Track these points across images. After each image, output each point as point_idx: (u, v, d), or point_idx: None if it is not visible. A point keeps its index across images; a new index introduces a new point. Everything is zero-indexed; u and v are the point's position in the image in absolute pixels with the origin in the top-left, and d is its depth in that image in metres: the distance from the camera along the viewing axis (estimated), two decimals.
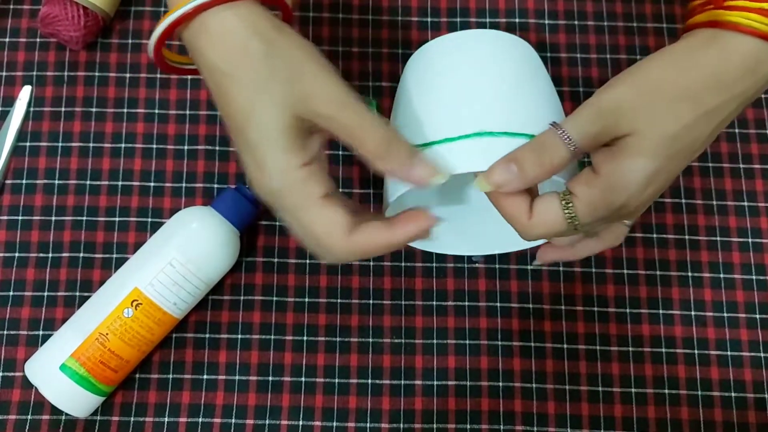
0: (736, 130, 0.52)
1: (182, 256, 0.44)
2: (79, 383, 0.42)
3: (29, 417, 0.46)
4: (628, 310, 0.48)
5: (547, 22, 0.53)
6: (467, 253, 0.46)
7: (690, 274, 0.49)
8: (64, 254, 0.49)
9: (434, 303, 0.48)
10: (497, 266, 0.49)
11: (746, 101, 0.34)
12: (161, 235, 0.45)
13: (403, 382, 0.47)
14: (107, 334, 0.43)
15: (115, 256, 0.49)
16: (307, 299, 0.48)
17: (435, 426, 0.46)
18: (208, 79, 0.34)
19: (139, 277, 0.43)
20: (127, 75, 0.52)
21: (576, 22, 0.53)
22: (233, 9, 0.33)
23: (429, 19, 0.53)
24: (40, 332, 0.47)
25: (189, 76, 0.52)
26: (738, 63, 0.33)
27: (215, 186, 0.50)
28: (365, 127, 0.33)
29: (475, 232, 0.47)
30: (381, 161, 0.34)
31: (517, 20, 0.53)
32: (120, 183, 0.50)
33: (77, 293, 0.48)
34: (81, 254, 0.49)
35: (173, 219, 0.45)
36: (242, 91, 0.33)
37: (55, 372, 0.42)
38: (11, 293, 0.48)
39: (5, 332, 0.47)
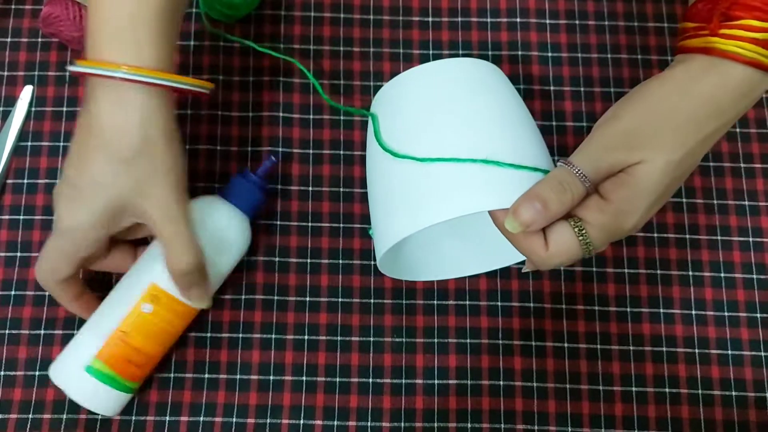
0: (737, 130, 0.52)
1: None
2: (106, 383, 0.42)
3: (30, 416, 0.46)
4: (628, 309, 0.48)
5: (548, 21, 0.53)
6: (477, 271, 0.47)
7: (691, 273, 0.49)
8: None
9: (435, 302, 0.48)
10: (496, 268, 0.49)
11: (735, 121, 0.37)
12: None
13: (404, 381, 0.47)
14: (129, 331, 0.42)
15: None
16: (308, 298, 0.48)
17: (436, 425, 0.46)
18: (85, 122, 0.39)
19: (154, 272, 0.43)
20: None
21: (577, 22, 0.53)
22: (149, 95, 0.38)
23: (430, 19, 0.53)
24: (42, 332, 0.47)
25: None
26: (734, 89, 0.35)
27: (216, 186, 0.50)
28: (178, 244, 0.40)
29: (478, 249, 0.47)
30: (175, 276, 0.41)
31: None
32: None
33: None
34: None
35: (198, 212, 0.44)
36: (102, 164, 0.39)
37: (81, 374, 0.42)
38: (13, 292, 0.48)
39: (7, 331, 0.47)
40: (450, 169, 0.36)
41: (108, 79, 0.38)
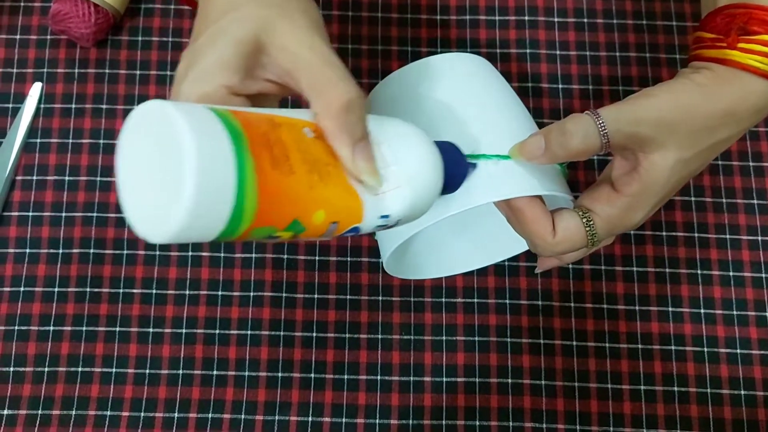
0: None
1: (376, 134, 0.30)
2: (232, 139, 0.25)
3: (39, 412, 0.46)
4: (637, 308, 0.48)
5: (556, 19, 0.53)
6: (481, 265, 0.46)
7: (699, 271, 0.49)
8: (75, 250, 0.49)
9: (443, 300, 0.48)
10: (506, 263, 0.49)
11: (746, 132, 0.37)
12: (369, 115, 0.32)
13: (412, 378, 0.47)
14: (280, 125, 0.28)
15: (125, 252, 0.49)
16: (316, 295, 0.48)
17: (444, 422, 0.46)
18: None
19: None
20: (137, 72, 0.52)
21: (585, 20, 0.53)
22: None
23: (438, 17, 0.53)
24: (51, 328, 0.47)
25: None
26: (752, 102, 0.35)
27: None
28: (333, 74, 0.30)
29: (481, 242, 0.47)
30: (333, 119, 0.29)
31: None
32: None
33: (87, 289, 0.48)
34: (91, 250, 0.49)
35: (388, 118, 0.33)
36: (214, 5, 0.31)
37: (203, 110, 0.26)
38: (22, 289, 0.48)
39: (16, 327, 0.47)
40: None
41: None
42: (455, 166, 0.33)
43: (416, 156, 0.31)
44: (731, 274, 0.49)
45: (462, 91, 0.38)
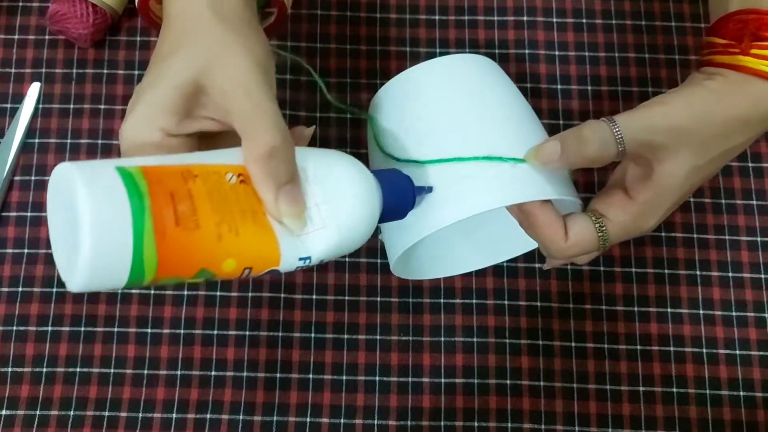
0: None
1: (313, 174, 0.32)
2: (131, 204, 0.26)
3: (37, 413, 0.46)
4: (636, 309, 0.48)
5: (555, 20, 0.53)
6: (484, 265, 0.46)
7: (699, 272, 0.49)
8: None
9: (442, 300, 0.48)
10: (505, 264, 0.49)
11: (757, 138, 0.37)
12: (301, 148, 0.33)
13: (410, 379, 0.47)
14: (197, 176, 0.29)
15: None
16: (314, 296, 0.48)
17: (443, 423, 0.46)
18: (166, 20, 0.34)
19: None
20: (136, 72, 0.52)
21: (584, 21, 0.53)
22: None
23: (437, 17, 0.53)
24: (49, 328, 0.47)
25: None
26: (766, 108, 0.35)
27: None
28: (262, 121, 0.30)
29: (486, 242, 0.47)
30: (256, 165, 0.30)
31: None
32: None
33: None
34: None
35: (326, 150, 0.34)
36: (166, 44, 0.33)
37: (111, 174, 0.27)
38: (20, 289, 0.48)
39: (14, 328, 0.47)
40: (455, 169, 0.36)
41: None
42: (400, 197, 0.34)
43: (348, 195, 0.32)
44: (730, 275, 0.49)
45: (473, 93, 0.38)
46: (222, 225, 0.28)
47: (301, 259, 0.31)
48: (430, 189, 0.35)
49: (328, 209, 0.31)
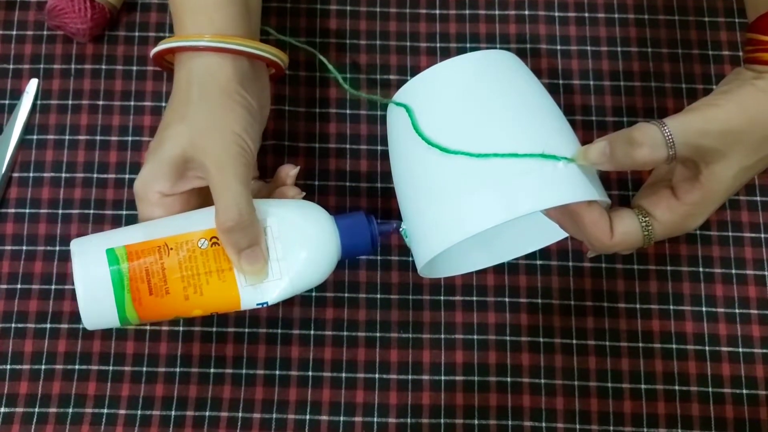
0: None
1: (277, 231, 0.39)
2: (112, 277, 0.37)
3: (36, 410, 0.46)
4: (638, 306, 0.48)
5: (557, 14, 0.53)
6: (491, 263, 0.46)
7: (701, 269, 0.49)
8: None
9: (442, 298, 0.48)
10: (506, 261, 0.48)
11: None
12: (268, 202, 0.41)
13: (410, 377, 0.47)
14: (172, 249, 0.38)
15: None
16: (314, 293, 0.48)
17: (443, 421, 0.46)
18: (176, 83, 0.41)
19: None
20: (134, 68, 0.51)
21: (586, 15, 0.53)
22: (201, 58, 0.40)
23: (438, 12, 0.53)
24: (48, 325, 0.47)
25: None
26: None
27: None
28: (226, 199, 0.37)
29: (494, 242, 0.46)
30: (221, 234, 0.38)
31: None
32: (127, 176, 0.50)
33: None
34: None
35: (291, 200, 0.42)
36: (169, 112, 0.41)
37: (99, 252, 0.37)
38: (19, 286, 0.48)
39: (13, 325, 0.47)
40: (505, 165, 0.35)
41: (177, 51, 0.41)
42: (359, 241, 0.41)
43: (302, 254, 0.39)
44: (733, 271, 0.48)
45: (520, 89, 0.38)
46: (188, 288, 0.38)
47: (258, 303, 0.39)
48: (397, 227, 0.41)
49: (286, 263, 0.39)
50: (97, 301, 0.37)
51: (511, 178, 0.35)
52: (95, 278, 0.37)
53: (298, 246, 0.39)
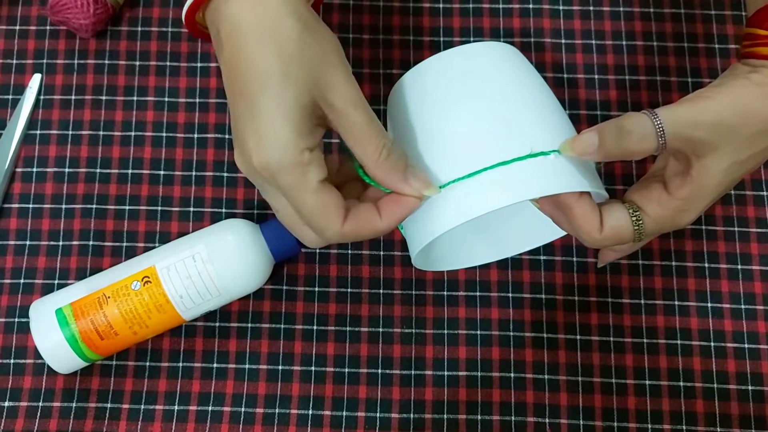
0: None
1: (207, 256, 0.43)
2: (64, 334, 0.43)
3: (40, 404, 0.46)
4: (642, 301, 0.48)
5: (561, 7, 0.52)
6: (493, 259, 0.46)
7: (706, 264, 0.48)
8: (74, 242, 0.49)
9: (445, 293, 0.48)
10: (509, 256, 0.48)
11: None
12: (201, 231, 0.45)
13: (413, 372, 0.47)
14: (109, 297, 0.43)
15: (124, 244, 0.49)
16: (317, 288, 0.48)
17: (446, 416, 0.46)
18: (227, 44, 0.34)
19: (160, 258, 0.44)
20: (137, 63, 0.51)
21: (591, 8, 0.52)
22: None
23: (441, 6, 0.52)
24: None
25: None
26: None
27: (225, 174, 0.50)
28: (371, 130, 0.34)
29: (497, 237, 0.46)
30: (377, 168, 0.34)
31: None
32: (130, 171, 0.50)
33: None
34: (91, 242, 0.49)
35: (219, 223, 0.45)
36: (268, 58, 0.33)
37: (50, 315, 0.43)
38: (22, 281, 0.48)
39: (16, 320, 0.47)
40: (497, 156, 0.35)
41: None
42: (285, 244, 0.45)
43: (234, 266, 0.44)
44: (739, 267, 0.48)
45: (503, 82, 0.37)
46: (134, 326, 0.43)
47: (200, 315, 0.45)
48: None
49: (220, 281, 0.43)
50: (59, 356, 0.43)
51: (501, 168, 0.35)
52: (52, 342, 0.43)
53: (228, 262, 0.43)
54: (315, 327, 0.47)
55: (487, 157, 0.35)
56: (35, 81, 0.51)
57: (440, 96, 0.37)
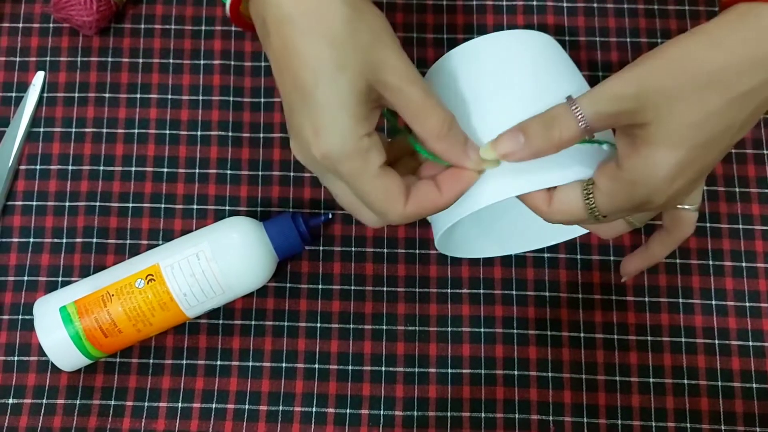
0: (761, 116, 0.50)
1: (211, 253, 0.43)
2: (68, 332, 0.43)
3: (44, 401, 0.46)
4: (647, 299, 0.48)
5: (565, 4, 0.52)
6: (498, 254, 0.46)
7: (711, 262, 0.48)
8: (78, 240, 0.49)
9: (449, 290, 0.48)
10: (513, 254, 0.48)
11: None
12: (204, 229, 0.45)
13: (417, 369, 0.47)
14: (113, 295, 0.43)
15: (128, 242, 0.49)
16: (320, 286, 0.48)
17: (449, 414, 0.46)
18: (275, 34, 0.33)
19: (164, 256, 0.44)
20: (140, 60, 0.51)
21: (595, 5, 0.52)
22: None
23: (445, 2, 0.52)
24: None
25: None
26: None
27: (228, 172, 0.50)
28: (430, 105, 0.33)
29: (504, 232, 0.46)
30: (439, 142, 0.34)
31: (534, 3, 0.52)
32: (133, 169, 0.50)
33: None
34: (94, 240, 0.49)
35: (222, 221, 0.45)
36: (318, 48, 0.32)
37: (54, 312, 0.43)
38: (26, 278, 0.48)
39: (20, 317, 0.47)
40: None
41: None
42: (289, 241, 0.45)
43: (238, 264, 0.43)
44: (744, 264, 0.48)
45: (550, 72, 0.36)
46: (138, 324, 0.43)
47: (204, 312, 0.45)
48: (325, 219, 0.47)
49: (224, 278, 0.43)
50: (63, 354, 0.43)
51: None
52: (56, 339, 0.43)
53: (232, 260, 0.43)
54: (318, 324, 0.47)
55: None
56: (38, 78, 0.51)
57: (488, 76, 0.37)
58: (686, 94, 0.31)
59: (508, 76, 0.36)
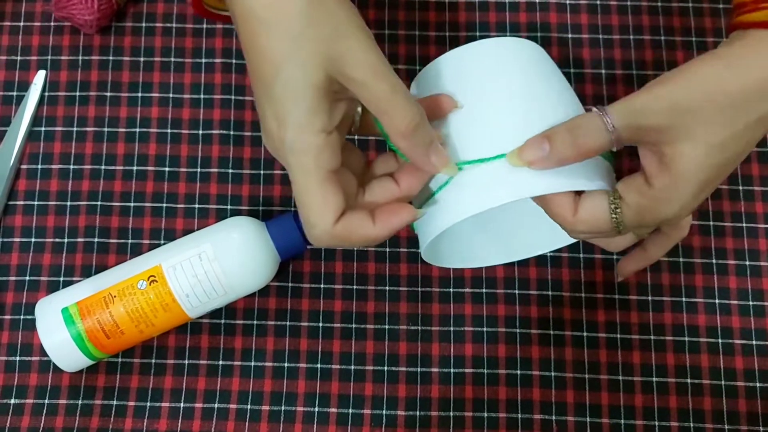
0: None
1: (213, 254, 0.43)
2: (70, 333, 0.43)
3: (46, 401, 0.46)
4: (650, 298, 0.47)
5: (568, 2, 0.52)
6: (500, 261, 0.46)
7: (714, 261, 0.48)
8: (79, 239, 0.48)
9: (451, 290, 0.48)
10: (518, 260, 0.48)
11: None
12: (206, 229, 0.45)
13: (419, 369, 0.46)
14: (115, 296, 0.43)
15: (129, 241, 0.48)
16: (322, 285, 0.48)
17: (452, 414, 0.46)
18: (241, 27, 0.33)
19: (166, 257, 0.44)
20: (141, 59, 0.51)
21: (598, 2, 0.52)
22: None
23: (447, 0, 0.52)
24: None
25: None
26: None
27: (230, 171, 0.50)
28: (396, 101, 0.32)
29: (506, 240, 0.46)
30: (402, 140, 0.33)
31: (537, 0, 0.52)
32: (134, 168, 0.50)
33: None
34: (96, 239, 0.48)
35: (224, 221, 0.45)
36: (275, 41, 0.32)
37: (56, 313, 0.43)
38: (28, 278, 0.48)
39: (21, 317, 0.47)
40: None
41: None
42: (291, 241, 0.45)
43: (240, 264, 0.43)
44: (747, 263, 0.48)
45: (533, 81, 0.36)
46: (140, 325, 0.43)
47: (206, 312, 0.46)
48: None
49: (226, 279, 0.43)
50: (65, 355, 0.43)
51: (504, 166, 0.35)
52: (58, 340, 0.43)
53: (234, 261, 0.43)
54: (321, 324, 0.47)
55: (505, 147, 0.35)
56: (40, 78, 0.51)
57: (473, 82, 0.37)
58: (714, 115, 0.32)
59: (496, 83, 0.36)
